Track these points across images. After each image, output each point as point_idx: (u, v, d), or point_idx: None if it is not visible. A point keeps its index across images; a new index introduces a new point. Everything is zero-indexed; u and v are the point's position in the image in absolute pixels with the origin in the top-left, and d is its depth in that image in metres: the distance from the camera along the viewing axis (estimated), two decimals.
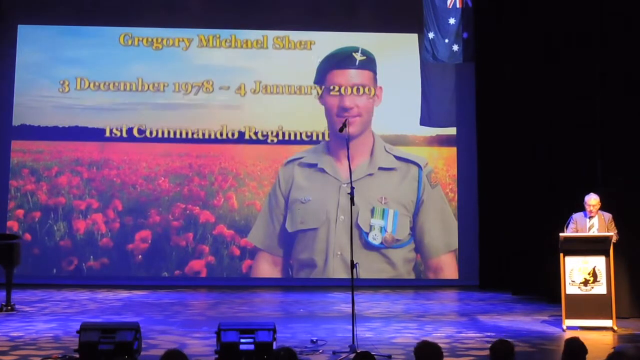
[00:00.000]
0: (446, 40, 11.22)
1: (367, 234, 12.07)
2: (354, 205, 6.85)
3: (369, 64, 12.57)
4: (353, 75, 12.58)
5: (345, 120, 7.26)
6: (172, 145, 12.39)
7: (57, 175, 12.24)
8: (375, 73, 12.54)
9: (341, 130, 7.13)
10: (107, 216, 12.14)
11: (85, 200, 12.18)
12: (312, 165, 12.33)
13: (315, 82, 12.51)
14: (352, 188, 6.86)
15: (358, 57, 12.51)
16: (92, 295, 10.58)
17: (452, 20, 11.13)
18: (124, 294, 10.77)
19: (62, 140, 12.30)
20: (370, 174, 12.25)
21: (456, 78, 12.49)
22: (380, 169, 12.31)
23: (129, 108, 12.38)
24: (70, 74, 12.38)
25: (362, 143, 12.35)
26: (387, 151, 12.38)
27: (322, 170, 12.27)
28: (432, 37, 11.18)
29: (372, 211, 12.14)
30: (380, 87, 12.51)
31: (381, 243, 12.08)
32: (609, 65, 9.13)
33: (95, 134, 12.32)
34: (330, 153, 12.33)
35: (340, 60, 12.62)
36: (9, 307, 8.89)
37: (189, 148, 12.43)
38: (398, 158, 12.37)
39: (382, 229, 12.13)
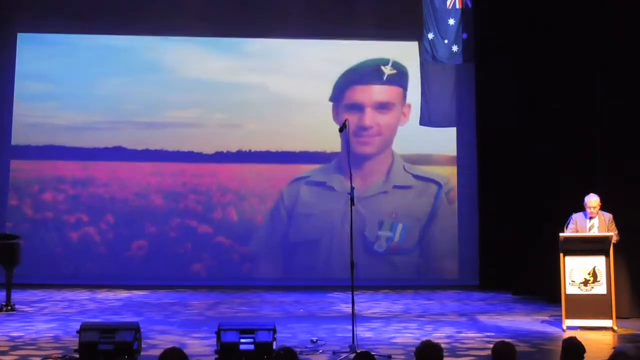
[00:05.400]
0: (446, 41, 11.20)
1: (373, 243, 12.04)
2: (354, 205, 6.85)
3: (400, 78, 12.09)
4: (378, 92, 12.07)
5: (346, 120, 7.22)
6: (163, 164, 12.00)
7: (41, 192, 11.91)
8: (405, 89, 12.08)
9: (341, 130, 7.11)
10: (99, 228, 11.96)
11: (74, 215, 11.95)
12: (320, 184, 12.03)
13: (330, 100, 12.11)
14: (352, 188, 6.86)
15: (387, 70, 12.01)
16: (91, 295, 10.57)
17: (451, 21, 11.11)
18: (123, 294, 10.76)
19: (41, 159, 11.93)
20: (384, 192, 12.06)
21: (456, 78, 12.47)
22: (395, 187, 12.07)
23: (114, 127, 12.00)
24: (54, 90, 12.05)
25: (379, 162, 12.07)
26: (405, 170, 12.07)
27: (331, 189, 11.91)
28: (432, 37, 11.17)
29: (381, 224, 12.08)
30: (409, 105, 12.08)
31: (385, 250, 12.09)
32: (610, 63, 9.12)
33: (75, 153, 11.94)
34: (342, 173, 11.65)
35: (364, 74, 12.13)
36: (9, 307, 8.89)
37: (182, 167, 12.05)
38: (417, 177, 12.11)
39: (389, 239, 12.11)
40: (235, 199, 12.13)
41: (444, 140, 12.31)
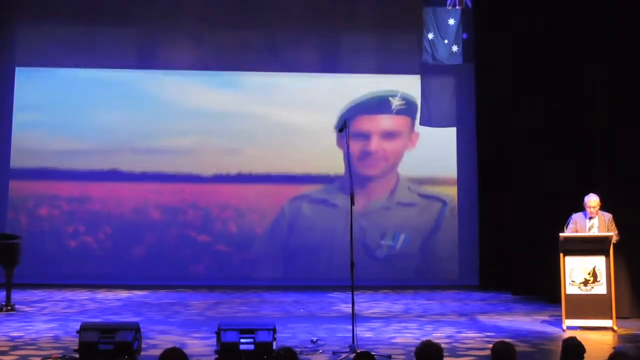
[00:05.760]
0: (446, 41, 11.21)
1: (374, 250, 12.06)
2: (353, 205, 6.85)
3: (408, 109, 12.13)
4: (386, 121, 12.13)
5: (346, 121, 7.20)
6: (161, 184, 11.96)
7: (37, 207, 11.88)
8: (414, 118, 12.10)
9: (341, 130, 7.08)
10: (97, 237, 11.96)
11: (71, 226, 11.95)
12: (323, 201, 12.02)
13: (336, 128, 11.92)
14: (353, 188, 6.86)
15: (396, 102, 12.05)
16: (92, 295, 10.57)
17: (451, 21, 11.12)
18: (124, 294, 10.76)
19: (38, 179, 11.92)
20: (387, 208, 12.09)
21: (456, 78, 12.45)
22: (399, 204, 12.13)
23: (110, 152, 11.94)
24: (51, 120, 12.01)
25: (383, 183, 12.12)
26: (410, 190, 12.12)
27: (334, 206, 11.86)
28: (432, 37, 11.16)
29: (383, 235, 12.11)
30: (417, 133, 12.11)
31: (386, 255, 12.13)
32: (610, 63, 9.12)
33: (70, 174, 11.96)
34: (345, 192, 11.07)
35: (372, 105, 12.17)
36: (9, 307, 8.89)
37: (181, 187, 12.00)
38: (422, 195, 12.15)
39: (390, 247, 12.14)
40: (235, 214, 12.11)
41: (449, 163, 12.29)
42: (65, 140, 12.00)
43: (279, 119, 12.13)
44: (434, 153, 12.20)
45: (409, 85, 12.20)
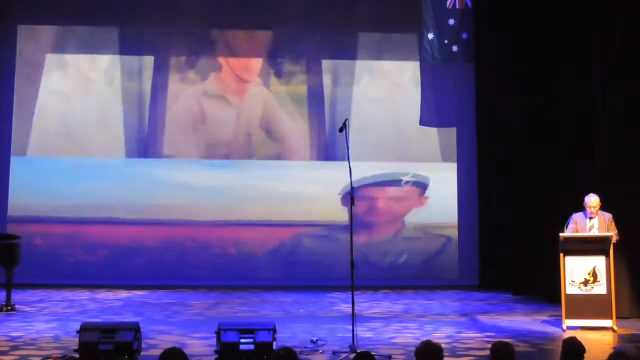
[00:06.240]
0: (446, 41, 11.21)
1: (375, 262, 12.11)
2: (354, 205, 6.85)
3: (419, 184, 12.32)
4: (395, 190, 12.30)
5: (346, 120, 7.18)
6: (157, 227, 12.10)
7: (32, 239, 11.70)
8: (424, 189, 12.29)
9: (341, 130, 7.07)
10: (96, 257, 12.01)
11: (68, 249, 12.01)
12: (324, 237, 12.12)
13: (339, 193, 12.02)
14: (352, 188, 6.86)
15: (406, 179, 12.20)
16: (92, 295, 10.58)
17: (451, 21, 11.13)
18: (124, 294, 10.76)
19: (34, 223, 12.02)
20: (392, 242, 12.22)
21: (456, 78, 12.43)
22: (403, 238, 12.25)
23: (107, 207, 12.06)
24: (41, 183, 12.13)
25: (388, 227, 12.24)
26: (415, 229, 12.26)
27: (336, 240, 11.90)
28: (432, 37, 11.17)
29: (386, 255, 12.19)
30: (427, 197, 12.27)
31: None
32: (610, 63, 9.12)
33: (63, 220, 12.04)
34: (347, 231, 11.32)
35: (381, 182, 12.30)
36: (9, 307, 8.89)
37: (177, 229, 12.10)
38: (427, 233, 12.27)
39: (392, 262, 12.21)
40: (233, 243, 12.18)
41: (453, 209, 12.35)
42: (59, 199, 12.06)
43: (281, 192, 12.23)
44: (441, 205, 12.28)
45: (420, 168, 12.36)
